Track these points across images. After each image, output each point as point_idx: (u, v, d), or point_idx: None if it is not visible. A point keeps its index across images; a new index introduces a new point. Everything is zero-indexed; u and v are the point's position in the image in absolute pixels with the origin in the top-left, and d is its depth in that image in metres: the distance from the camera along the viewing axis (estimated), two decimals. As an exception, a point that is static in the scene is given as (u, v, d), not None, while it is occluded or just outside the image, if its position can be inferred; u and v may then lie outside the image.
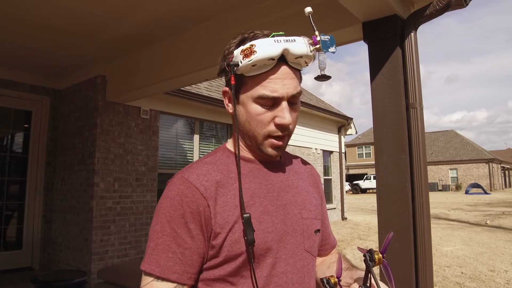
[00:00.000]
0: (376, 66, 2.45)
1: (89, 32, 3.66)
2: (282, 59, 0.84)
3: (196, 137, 6.44)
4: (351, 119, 12.05)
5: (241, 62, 0.83)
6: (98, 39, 3.83)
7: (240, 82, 0.88)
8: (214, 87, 6.86)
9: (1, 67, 4.74)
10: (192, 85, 5.89)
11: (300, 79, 0.91)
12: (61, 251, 4.97)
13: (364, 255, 0.82)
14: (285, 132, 0.88)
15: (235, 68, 0.85)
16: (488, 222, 11.45)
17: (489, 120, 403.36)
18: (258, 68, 0.83)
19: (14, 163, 5.10)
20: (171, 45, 3.83)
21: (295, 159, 1.09)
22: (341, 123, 11.94)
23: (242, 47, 0.83)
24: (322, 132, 11.12)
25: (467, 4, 2.49)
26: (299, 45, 0.83)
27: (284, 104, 0.86)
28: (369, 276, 0.80)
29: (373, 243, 7.84)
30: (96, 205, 4.57)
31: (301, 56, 0.85)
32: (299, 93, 0.88)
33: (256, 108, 0.86)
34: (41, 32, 3.66)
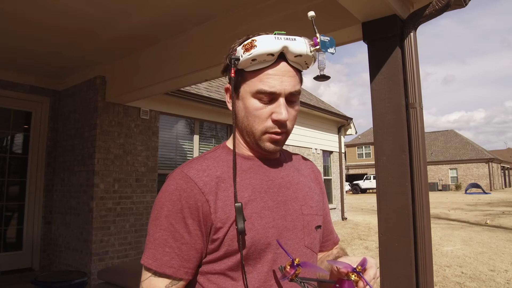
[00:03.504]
0: (375, 66, 2.45)
1: (89, 33, 3.66)
2: (282, 57, 0.86)
3: (196, 138, 6.44)
4: (351, 119, 12.04)
5: (241, 56, 0.85)
6: (98, 40, 3.83)
7: (241, 77, 0.90)
8: (214, 88, 6.86)
9: (1, 68, 4.74)
10: (192, 86, 5.89)
11: (300, 79, 0.92)
12: (61, 252, 4.97)
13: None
14: (282, 129, 0.89)
15: (236, 62, 0.87)
16: (488, 221, 11.45)
17: (486, 120, 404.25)
18: (258, 63, 0.85)
19: (14, 164, 5.10)
20: (170, 46, 3.83)
21: (295, 156, 1.10)
22: (341, 123, 11.93)
23: (244, 43, 0.86)
24: (322, 132, 11.12)
25: (466, 4, 2.49)
26: (299, 44, 0.86)
27: (282, 100, 0.87)
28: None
29: (373, 243, 7.84)
30: (96, 206, 4.57)
31: (300, 55, 0.86)
32: (298, 92, 0.89)
33: (254, 103, 0.87)
34: (41, 33, 3.66)
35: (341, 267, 0.78)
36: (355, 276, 0.77)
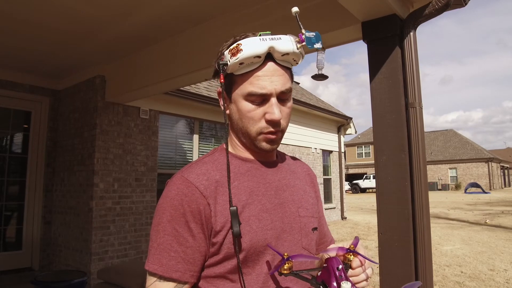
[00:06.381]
0: (375, 66, 2.45)
1: (88, 33, 3.66)
2: (269, 57, 0.87)
3: (196, 137, 6.44)
4: (351, 118, 12.05)
5: (229, 61, 0.86)
6: (97, 40, 3.83)
7: (231, 81, 0.91)
8: (214, 87, 6.86)
9: (1, 68, 4.73)
10: (192, 85, 5.88)
11: (290, 76, 0.93)
12: (61, 251, 4.97)
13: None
14: (277, 127, 0.90)
15: (225, 67, 0.88)
16: (487, 221, 11.46)
17: (484, 120, 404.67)
18: (245, 66, 0.86)
19: (14, 164, 5.09)
20: (170, 46, 3.83)
21: (292, 159, 1.11)
22: (340, 122, 11.94)
23: (230, 47, 0.86)
24: (321, 132, 11.12)
25: (466, 4, 2.50)
26: (284, 42, 0.86)
27: (274, 100, 0.88)
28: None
29: (373, 243, 7.84)
30: (96, 205, 4.57)
31: (287, 53, 0.87)
32: (289, 89, 0.90)
33: (247, 105, 0.89)
34: (41, 33, 3.66)
35: (337, 252, 0.82)
36: (352, 256, 0.80)
